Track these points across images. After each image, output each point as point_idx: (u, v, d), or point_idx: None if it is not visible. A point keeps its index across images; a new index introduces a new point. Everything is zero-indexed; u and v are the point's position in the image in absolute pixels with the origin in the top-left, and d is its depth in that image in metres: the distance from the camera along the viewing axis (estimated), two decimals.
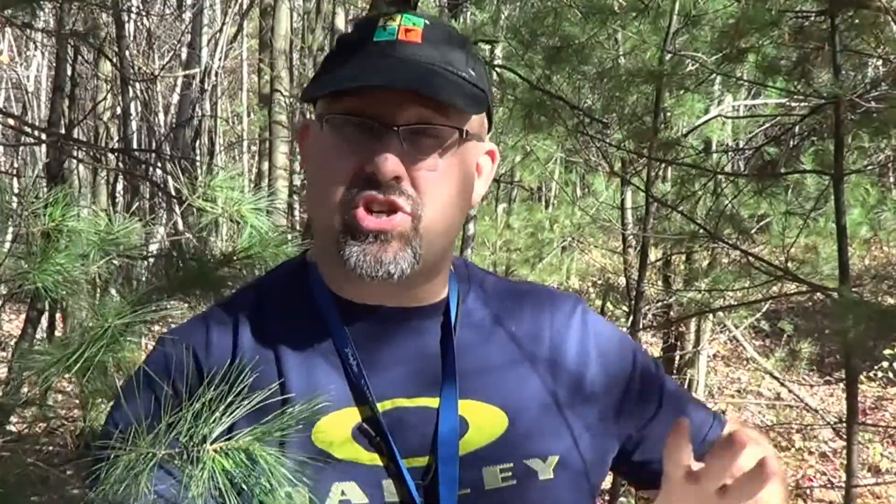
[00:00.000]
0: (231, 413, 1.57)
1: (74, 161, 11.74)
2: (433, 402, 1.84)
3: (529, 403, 1.90)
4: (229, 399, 1.58)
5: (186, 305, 3.06)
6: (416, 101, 1.71)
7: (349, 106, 1.73)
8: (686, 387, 12.71)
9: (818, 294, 10.31)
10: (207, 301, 3.11)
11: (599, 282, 14.05)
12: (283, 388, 1.73)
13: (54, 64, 11.63)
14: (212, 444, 1.55)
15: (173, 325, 1.99)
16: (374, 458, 1.79)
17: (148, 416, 1.65)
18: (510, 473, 1.84)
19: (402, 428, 1.80)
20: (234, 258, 3.21)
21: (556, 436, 1.91)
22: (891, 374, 11.25)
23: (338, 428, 1.78)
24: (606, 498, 8.57)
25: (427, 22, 1.79)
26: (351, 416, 1.80)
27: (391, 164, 1.71)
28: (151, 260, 3.85)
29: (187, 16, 17.62)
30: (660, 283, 11.99)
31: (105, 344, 2.64)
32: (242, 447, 1.54)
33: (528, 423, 1.89)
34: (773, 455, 1.98)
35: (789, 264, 6.76)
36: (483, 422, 1.85)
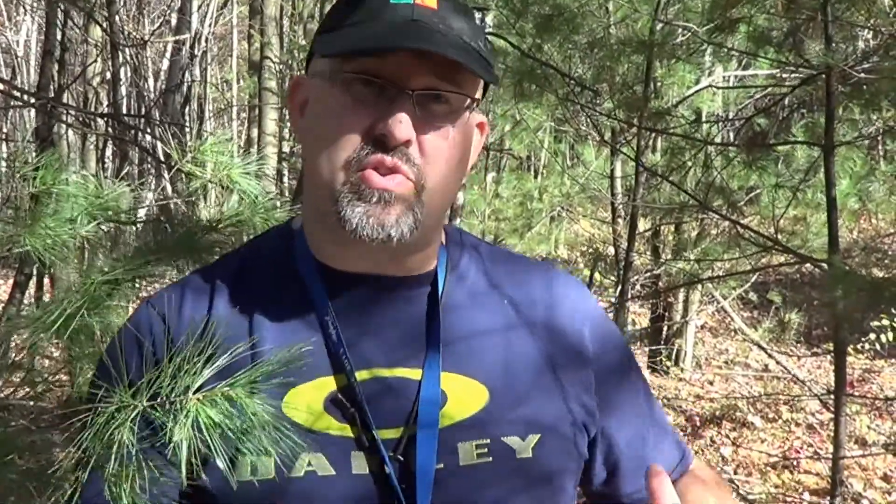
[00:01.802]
0: (212, 365, 1.59)
1: (64, 126, 11.69)
2: (412, 373, 1.82)
3: (516, 378, 1.88)
4: (208, 353, 1.59)
5: (174, 271, 3.05)
6: (432, 67, 1.70)
7: (364, 66, 1.71)
8: (674, 357, 12.76)
9: (807, 265, 10.32)
10: (195, 266, 3.10)
11: (588, 251, 14.05)
12: (256, 355, 1.71)
13: (44, 28, 11.56)
14: (194, 393, 1.55)
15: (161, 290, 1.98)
16: (344, 430, 1.77)
17: (129, 375, 1.65)
18: (486, 450, 1.82)
19: (377, 398, 1.79)
20: (222, 223, 3.20)
21: (539, 412, 1.88)
22: (878, 347, 11.27)
23: (310, 398, 1.77)
24: None
25: None
26: (325, 386, 1.78)
27: (405, 127, 1.69)
28: (140, 225, 3.83)
29: None
30: (648, 253, 12.00)
31: (88, 302, 2.63)
32: (226, 395, 1.54)
33: (509, 399, 1.86)
34: None
35: (779, 235, 6.75)
36: (462, 396, 1.83)
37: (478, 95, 1.83)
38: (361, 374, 1.79)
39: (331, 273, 1.84)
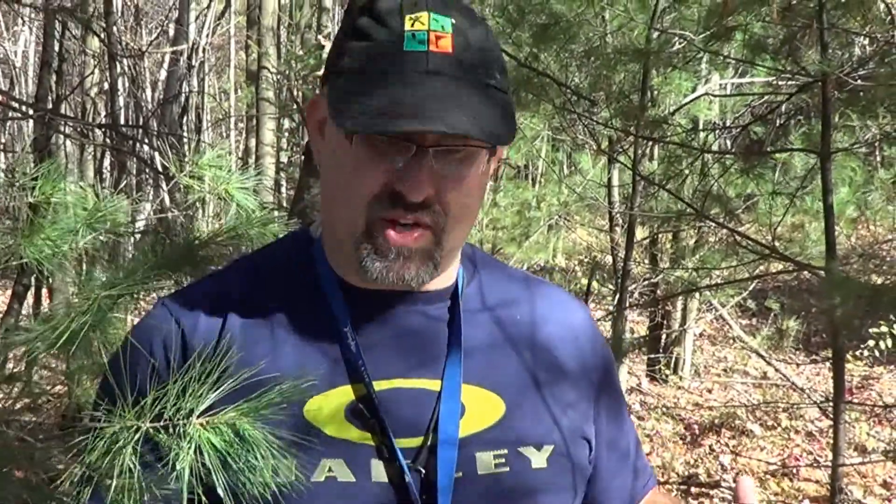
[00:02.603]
0: (218, 388, 1.57)
1: (62, 136, 11.69)
2: (431, 384, 1.84)
3: (524, 388, 1.91)
4: (216, 376, 1.58)
5: (172, 283, 3.05)
6: None
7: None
8: (673, 366, 12.75)
9: (805, 273, 10.32)
10: (193, 279, 3.10)
11: (586, 260, 14.08)
12: (273, 366, 1.71)
13: (42, 39, 11.57)
14: (198, 418, 1.54)
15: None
16: (364, 438, 1.78)
17: (134, 389, 1.65)
18: (503, 460, 1.84)
19: (397, 408, 1.80)
20: (220, 237, 3.20)
21: (549, 423, 1.91)
22: (877, 353, 11.27)
23: (331, 405, 1.78)
24: None
25: (453, 21, 1.72)
26: (345, 395, 1.79)
27: (424, 187, 1.69)
28: (138, 237, 3.84)
29: None
30: (646, 261, 12.01)
31: (90, 318, 2.63)
32: (228, 422, 1.54)
33: (523, 409, 1.89)
34: None
35: (776, 243, 6.76)
36: (480, 406, 1.85)
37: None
38: (380, 385, 1.80)
39: (350, 287, 1.85)
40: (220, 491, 1.60)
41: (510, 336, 1.95)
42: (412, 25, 1.69)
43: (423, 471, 1.79)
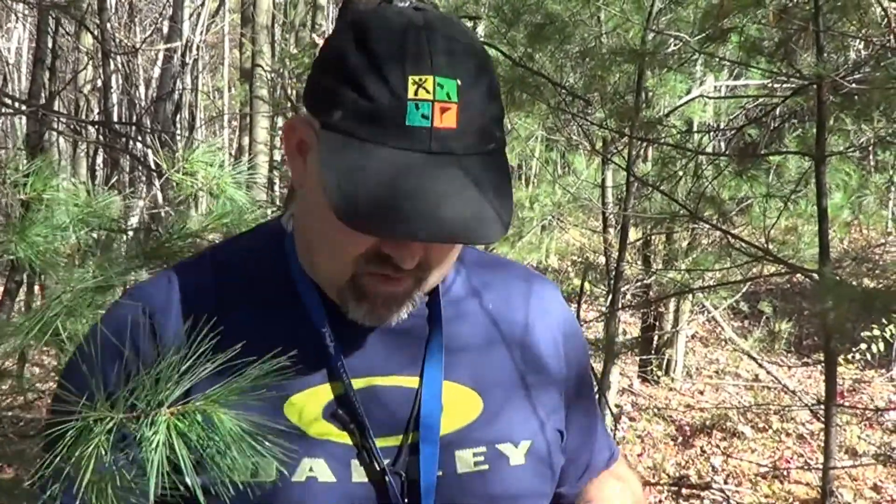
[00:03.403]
0: (191, 377, 1.54)
1: (55, 133, 11.68)
2: (409, 382, 1.82)
3: (502, 385, 1.90)
4: (188, 364, 1.54)
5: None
6: None
7: None
8: (665, 367, 12.76)
9: (797, 276, 10.32)
10: None
11: (579, 261, 14.07)
12: (247, 354, 1.65)
13: (35, 36, 11.54)
14: (168, 407, 1.52)
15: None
16: (344, 437, 1.76)
17: (104, 379, 1.63)
18: (482, 458, 1.83)
19: (375, 407, 1.78)
20: (209, 227, 3.18)
21: (526, 419, 1.91)
22: (868, 357, 11.28)
23: (310, 404, 1.76)
24: None
25: (458, 83, 1.61)
26: (324, 394, 1.77)
27: (416, 257, 1.68)
28: (131, 234, 3.82)
29: None
30: (639, 262, 12.00)
31: (67, 308, 2.61)
32: (200, 409, 1.51)
33: (501, 406, 1.88)
34: None
35: (769, 246, 6.75)
36: (457, 404, 1.84)
37: None
38: (357, 383, 1.78)
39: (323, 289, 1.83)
40: (188, 480, 1.57)
41: (485, 325, 1.94)
42: (416, 93, 1.59)
43: (403, 468, 1.78)
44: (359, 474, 1.77)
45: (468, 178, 1.61)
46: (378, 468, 1.76)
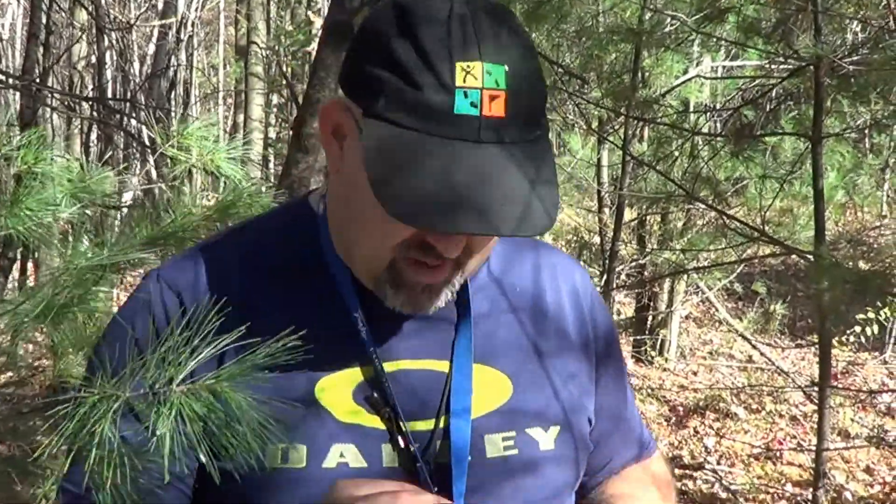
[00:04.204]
0: (197, 356, 1.50)
1: (48, 109, 11.63)
2: (439, 366, 1.80)
3: (532, 368, 1.87)
4: (196, 341, 1.50)
5: (158, 258, 3.01)
6: None
7: None
8: (659, 347, 12.75)
9: (792, 257, 10.31)
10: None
11: (574, 241, 14.05)
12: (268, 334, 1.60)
13: (29, 11, 11.49)
14: (178, 385, 1.48)
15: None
16: (374, 422, 1.74)
17: (126, 360, 1.60)
18: (512, 443, 1.80)
19: (405, 391, 1.76)
20: (213, 214, 3.15)
21: (556, 404, 1.88)
22: (862, 339, 11.28)
23: (340, 388, 1.73)
24: None
25: (506, 68, 1.56)
26: (354, 378, 1.75)
27: (460, 246, 1.65)
28: (125, 211, 3.80)
29: None
30: (634, 243, 11.99)
31: (73, 289, 2.59)
32: (210, 388, 1.48)
33: (531, 390, 1.85)
34: None
35: (765, 227, 6.73)
36: (487, 388, 1.81)
37: None
38: (388, 367, 1.76)
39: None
40: (202, 457, 1.53)
41: (513, 308, 1.90)
42: (464, 80, 1.54)
43: (434, 458, 1.75)
44: (390, 459, 1.73)
45: (517, 167, 1.56)
46: (410, 453, 1.73)
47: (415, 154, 1.54)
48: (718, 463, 10.08)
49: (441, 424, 1.77)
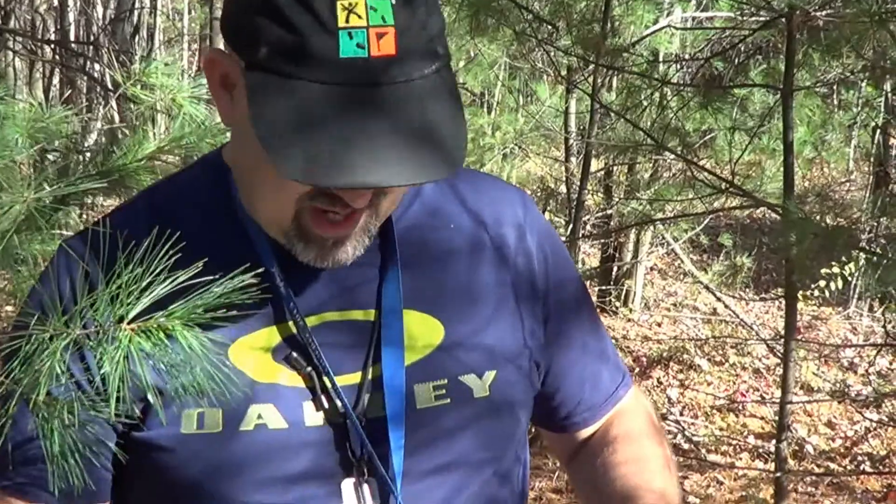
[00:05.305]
0: (150, 294, 1.43)
1: (10, 53, 11.49)
2: (365, 315, 1.74)
3: (465, 311, 1.80)
4: (147, 280, 1.44)
5: (117, 198, 2.96)
6: None
7: None
8: (623, 298, 12.76)
9: (759, 211, 10.30)
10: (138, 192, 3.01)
11: (540, 190, 14.00)
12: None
13: None
14: (128, 323, 1.42)
15: (102, 215, 1.86)
16: (295, 380, 1.68)
17: (65, 299, 1.55)
18: (444, 392, 1.75)
19: (329, 344, 1.69)
20: (166, 147, 3.09)
21: (492, 348, 1.81)
22: (827, 294, 11.30)
23: (256, 348, 1.67)
24: None
25: (392, 1, 1.48)
26: (272, 336, 1.69)
27: (367, 196, 1.59)
28: (87, 155, 3.73)
29: None
30: (601, 193, 11.97)
31: (17, 223, 2.52)
32: (162, 326, 1.42)
33: (464, 334, 1.78)
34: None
35: (734, 179, 6.70)
36: (416, 334, 1.74)
37: None
38: (311, 321, 1.69)
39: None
40: (150, 397, 1.48)
41: (447, 247, 1.83)
42: (347, 20, 1.45)
43: (364, 412, 1.70)
44: (312, 418, 1.68)
45: (416, 108, 1.49)
46: (338, 409, 1.68)
47: (299, 104, 1.46)
48: (681, 414, 10.13)
49: (370, 376, 1.71)
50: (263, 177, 1.61)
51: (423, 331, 1.76)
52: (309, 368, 1.69)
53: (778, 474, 5.90)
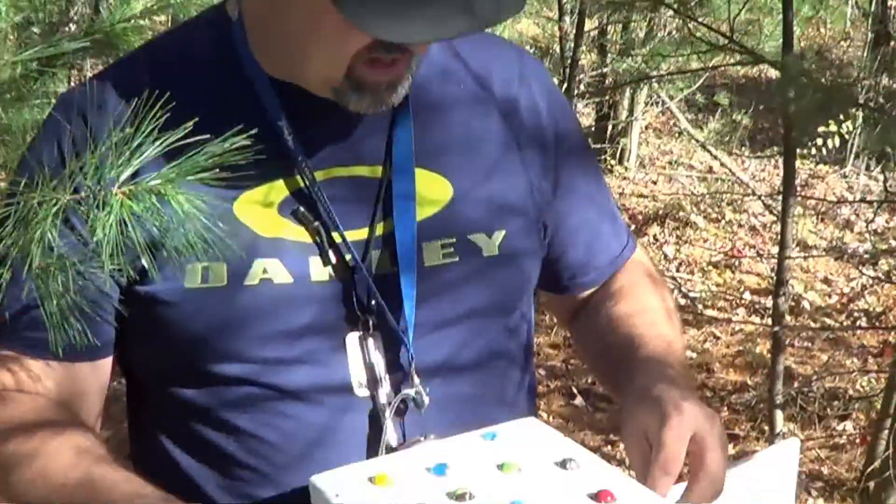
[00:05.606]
0: (140, 155, 1.40)
1: None
2: (372, 171, 1.71)
3: (474, 168, 1.79)
4: (137, 141, 1.40)
5: (101, 60, 2.91)
6: None
7: None
8: (618, 156, 12.74)
9: (756, 69, 10.20)
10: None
11: (533, 50, 13.87)
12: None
13: None
14: (119, 187, 1.39)
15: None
16: (301, 234, 1.66)
17: (53, 166, 1.50)
18: (452, 250, 1.73)
19: (337, 199, 1.67)
20: (153, 5, 3.03)
21: (501, 206, 1.79)
22: (824, 152, 11.25)
23: (263, 202, 1.64)
24: None
25: None
26: (279, 190, 1.66)
27: (425, 44, 1.60)
28: (73, 27, 3.68)
29: None
30: (595, 52, 11.88)
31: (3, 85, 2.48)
32: (154, 189, 1.38)
33: (473, 192, 1.77)
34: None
35: (733, 36, 6.62)
36: (425, 192, 1.72)
37: None
38: (318, 175, 1.67)
39: (278, 81, 1.69)
40: (144, 261, 1.48)
41: (456, 104, 1.81)
42: None
43: (373, 267, 1.69)
44: (317, 272, 1.66)
45: None
46: (341, 262, 1.66)
47: None
48: (678, 270, 10.14)
49: (378, 233, 1.70)
50: (316, 32, 1.58)
51: (431, 189, 1.75)
52: (317, 223, 1.68)
53: (776, 329, 5.90)
